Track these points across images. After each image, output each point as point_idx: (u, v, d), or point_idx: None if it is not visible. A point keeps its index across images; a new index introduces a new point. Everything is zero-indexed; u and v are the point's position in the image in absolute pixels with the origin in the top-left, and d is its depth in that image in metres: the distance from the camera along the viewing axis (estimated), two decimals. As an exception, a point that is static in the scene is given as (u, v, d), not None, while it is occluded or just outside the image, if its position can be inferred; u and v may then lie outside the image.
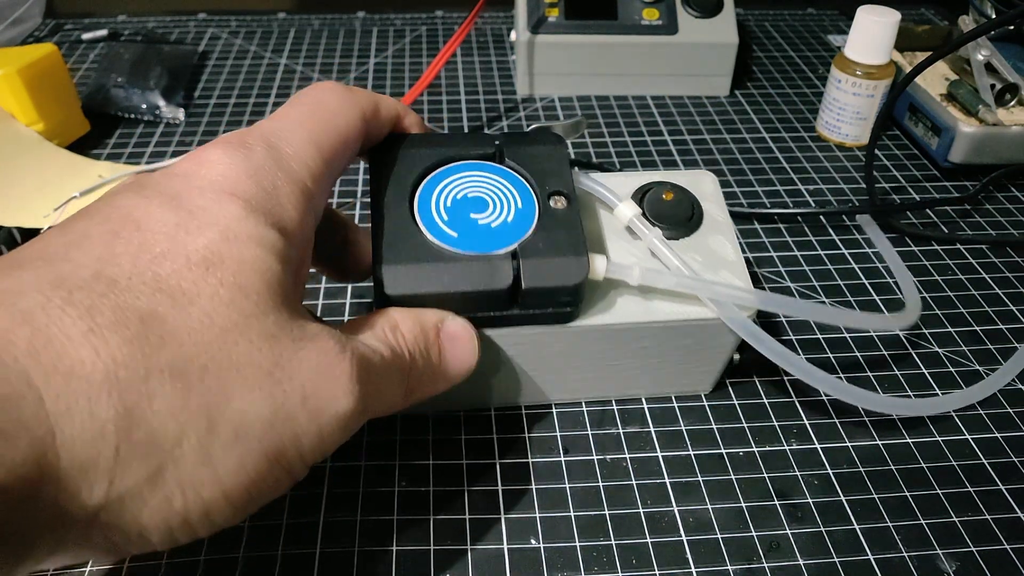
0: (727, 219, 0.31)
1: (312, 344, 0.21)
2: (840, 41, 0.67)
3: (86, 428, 0.17)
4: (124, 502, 0.17)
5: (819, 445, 0.31)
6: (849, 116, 0.50)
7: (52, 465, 0.16)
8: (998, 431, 0.32)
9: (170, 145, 0.51)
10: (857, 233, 0.43)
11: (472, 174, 0.28)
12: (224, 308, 0.19)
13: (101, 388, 0.17)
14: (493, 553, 0.27)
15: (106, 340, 0.17)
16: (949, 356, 0.35)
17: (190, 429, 0.18)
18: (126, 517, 0.18)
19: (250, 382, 0.19)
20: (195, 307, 0.19)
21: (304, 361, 0.20)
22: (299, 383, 0.20)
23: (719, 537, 0.27)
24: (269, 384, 0.19)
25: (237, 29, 0.68)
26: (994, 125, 0.46)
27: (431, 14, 0.71)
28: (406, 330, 0.24)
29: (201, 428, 0.18)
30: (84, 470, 0.17)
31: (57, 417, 0.16)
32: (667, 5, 0.56)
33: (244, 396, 0.19)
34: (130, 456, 0.17)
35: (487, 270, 0.25)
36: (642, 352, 0.30)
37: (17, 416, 0.16)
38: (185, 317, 0.19)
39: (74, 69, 0.60)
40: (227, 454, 0.19)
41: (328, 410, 0.20)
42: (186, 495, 0.18)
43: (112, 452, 0.17)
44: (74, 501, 0.17)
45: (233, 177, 0.21)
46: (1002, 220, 0.45)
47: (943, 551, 0.27)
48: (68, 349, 0.17)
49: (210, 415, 0.18)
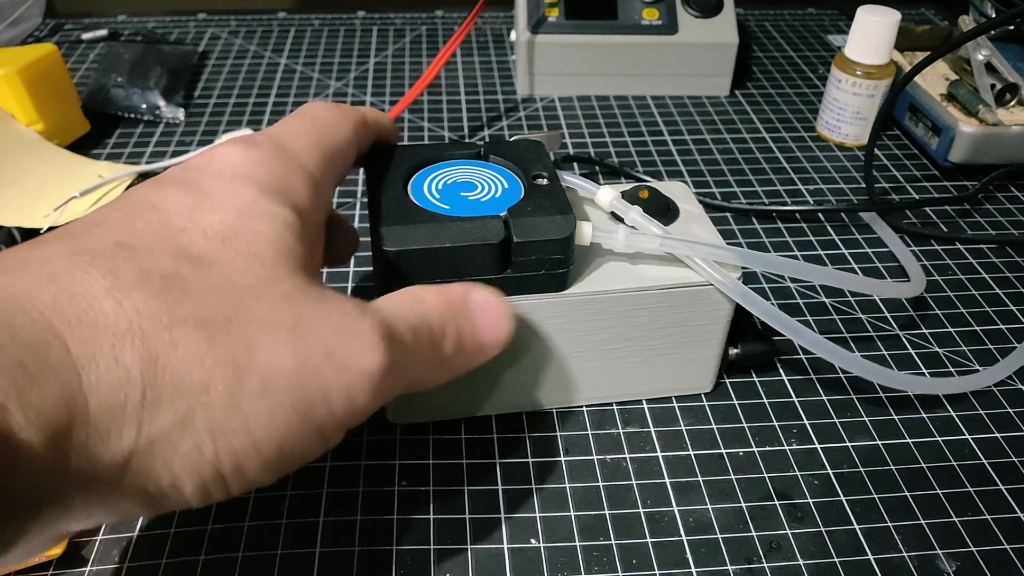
0: (702, 212, 0.32)
1: (331, 304, 0.21)
2: (840, 41, 0.67)
3: (111, 372, 0.17)
4: (154, 447, 0.17)
5: (819, 445, 0.31)
6: (849, 116, 0.50)
7: (81, 408, 0.16)
8: (998, 431, 0.32)
9: (170, 145, 0.51)
10: (857, 233, 0.43)
11: (460, 167, 0.30)
12: (241, 272, 0.20)
13: (125, 336, 0.17)
14: (493, 553, 0.27)
15: (129, 294, 0.18)
16: (949, 356, 0.35)
17: (217, 376, 0.18)
18: (157, 464, 0.18)
19: (274, 336, 0.19)
20: (214, 270, 0.20)
21: (325, 320, 0.20)
22: (322, 339, 0.20)
23: (719, 537, 0.27)
24: (293, 339, 0.19)
25: (237, 29, 0.68)
26: (994, 125, 0.46)
27: (431, 14, 0.71)
28: (431, 301, 0.24)
29: (228, 376, 0.18)
30: (112, 413, 0.17)
31: (83, 362, 0.17)
32: (667, 5, 0.56)
33: (269, 348, 0.19)
34: (157, 400, 0.17)
35: (480, 227, 0.27)
36: (636, 330, 0.30)
37: (44, 360, 0.16)
38: (205, 276, 0.19)
39: (74, 69, 0.60)
40: (256, 403, 0.19)
41: (355, 366, 0.20)
42: (216, 443, 0.18)
43: (139, 396, 0.17)
44: (104, 446, 0.17)
45: (246, 165, 0.23)
46: (1002, 220, 0.45)
47: (943, 551, 0.27)
48: (92, 303, 0.17)
49: (236, 364, 0.18)
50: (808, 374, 0.34)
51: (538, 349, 0.30)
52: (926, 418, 0.32)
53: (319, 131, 0.26)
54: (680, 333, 0.30)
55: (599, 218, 0.31)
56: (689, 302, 0.29)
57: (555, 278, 0.28)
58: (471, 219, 0.27)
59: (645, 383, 0.32)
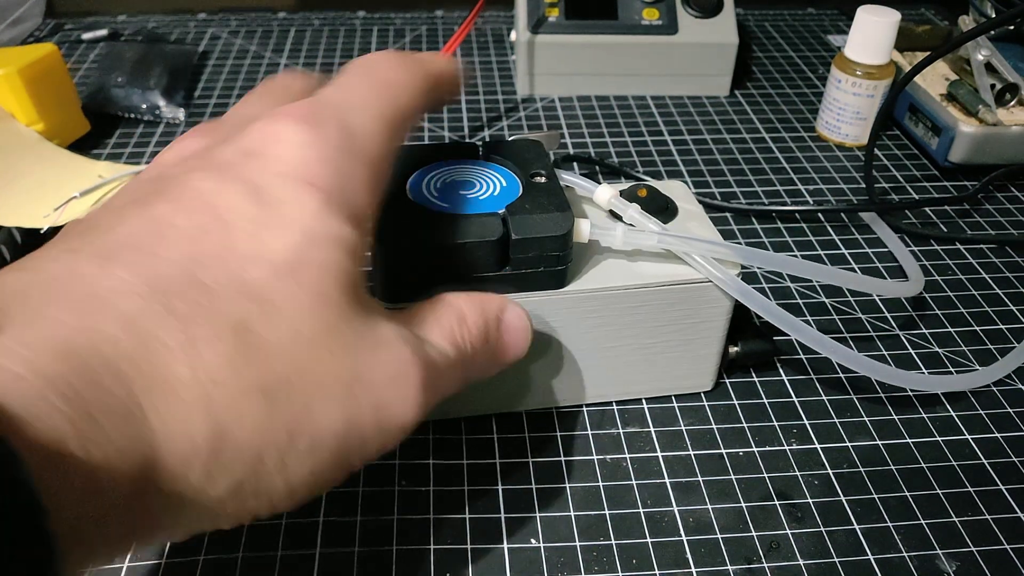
0: (701, 211, 0.32)
1: (387, 352, 0.21)
2: (840, 41, 0.67)
3: (181, 445, 0.17)
4: (202, 510, 0.18)
5: (819, 445, 0.31)
6: (849, 116, 0.50)
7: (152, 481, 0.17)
8: (998, 431, 0.32)
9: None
10: (856, 233, 0.43)
11: (458, 166, 0.30)
12: (308, 319, 0.19)
13: (195, 406, 0.17)
14: (493, 553, 0.27)
15: (201, 355, 0.17)
16: (949, 356, 0.35)
17: (272, 445, 0.18)
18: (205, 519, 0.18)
19: (329, 395, 0.19)
20: (282, 318, 0.19)
21: (379, 372, 0.21)
22: (374, 395, 0.20)
23: (719, 537, 0.27)
24: (347, 398, 0.20)
25: (237, 28, 0.68)
26: (994, 125, 0.46)
27: (431, 14, 0.71)
28: (472, 323, 0.24)
29: (282, 443, 0.19)
30: (175, 483, 0.17)
31: (157, 434, 0.17)
32: (667, 5, 0.56)
33: (323, 410, 0.19)
34: (217, 473, 0.18)
35: (478, 224, 0.27)
36: (635, 328, 0.30)
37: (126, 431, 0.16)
38: (272, 330, 0.19)
39: (74, 69, 0.60)
40: (301, 465, 0.19)
41: (395, 420, 0.21)
42: (259, 500, 0.19)
43: (201, 466, 0.17)
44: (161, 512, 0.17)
45: (310, 162, 0.21)
46: (1002, 220, 0.45)
47: (943, 551, 0.27)
48: (168, 363, 0.17)
49: (291, 430, 0.19)
50: (808, 374, 0.34)
51: (537, 347, 0.30)
52: (926, 418, 0.32)
53: (385, 99, 0.23)
54: (680, 330, 0.30)
55: (597, 216, 0.31)
56: (688, 299, 0.30)
57: (554, 275, 0.28)
58: (469, 216, 0.27)
59: (645, 381, 0.32)
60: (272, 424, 0.18)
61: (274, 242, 0.19)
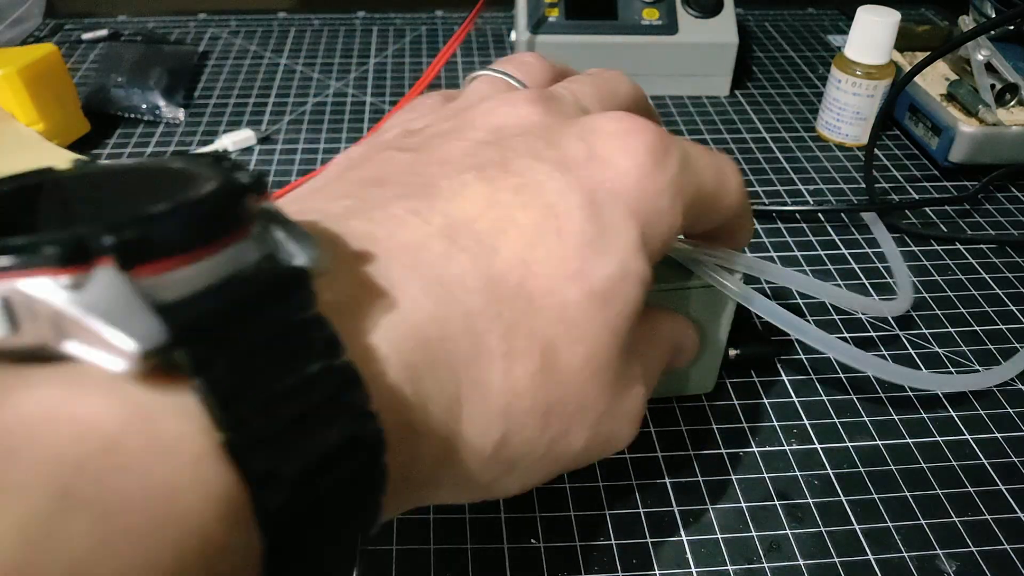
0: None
1: (634, 391, 0.21)
2: (840, 41, 0.67)
3: (474, 445, 0.18)
4: (455, 493, 0.19)
5: (819, 445, 0.31)
6: (849, 116, 0.50)
7: (443, 467, 0.18)
8: (998, 431, 0.32)
9: (170, 145, 0.51)
10: (857, 233, 0.43)
11: None
12: (600, 352, 0.19)
13: (496, 415, 0.18)
14: (493, 553, 0.27)
15: (513, 368, 0.18)
16: (949, 356, 0.35)
17: (529, 457, 0.19)
18: (446, 499, 0.20)
19: (585, 423, 0.20)
20: (582, 346, 0.19)
21: (623, 408, 0.21)
22: (612, 427, 0.21)
23: (719, 537, 0.27)
24: (595, 427, 0.20)
25: (237, 29, 0.68)
26: (994, 125, 0.46)
27: (431, 14, 0.71)
28: (685, 354, 0.26)
29: (536, 455, 0.19)
30: (455, 473, 0.18)
31: (462, 432, 0.18)
32: (667, 5, 0.56)
33: (575, 435, 0.20)
34: (484, 471, 0.19)
35: None
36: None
37: (445, 425, 0.17)
38: (572, 356, 0.19)
39: (74, 69, 0.60)
40: (537, 473, 0.20)
41: (614, 450, 0.22)
42: (492, 493, 0.20)
43: (477, 467, 0.18)
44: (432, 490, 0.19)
45: (645, 195, 0.20)
46: (1002, 220, 0.45)
47: (943, 552, 0.27)
48: (489, 369, 0.18)
49: (547, 447, 0.20)
50: (808, 374, 0.34)
51: None
52: (926, 418, 0.32)
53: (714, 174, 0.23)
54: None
55: None
56: (690, 303, 0.29)
57: None
58: None
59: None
60: (539, 440, 0.19)
61: (598, 269, 0.19)
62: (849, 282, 0.40)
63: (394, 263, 0.17)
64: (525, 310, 0.18)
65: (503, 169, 0.20)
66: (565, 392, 0.19)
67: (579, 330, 0.19)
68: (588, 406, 0.20)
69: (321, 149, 0.50)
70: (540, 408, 0.19)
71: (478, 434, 0.18)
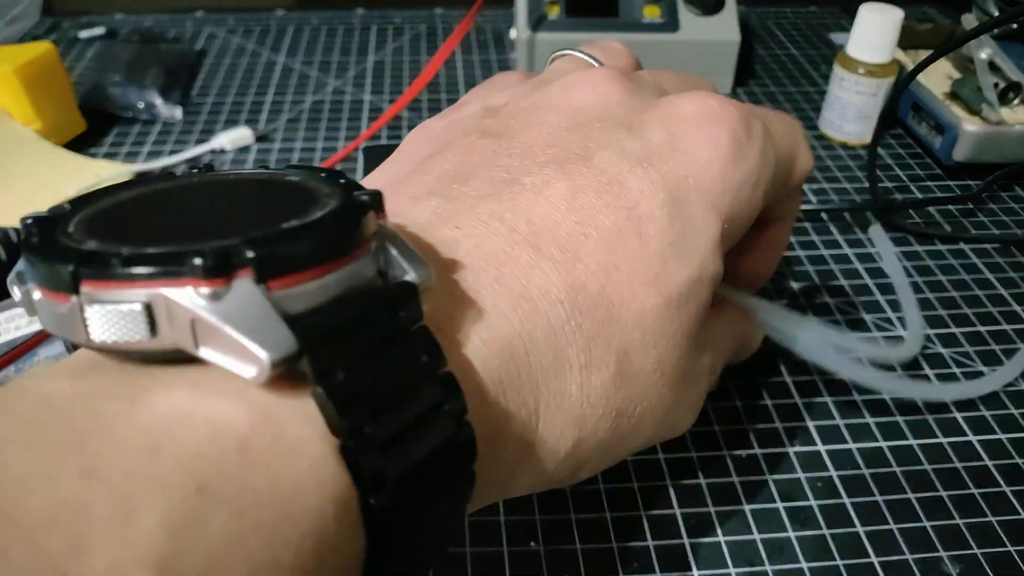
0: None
1: (699, 384, 0.22)
2: (843, 39, 0.66)
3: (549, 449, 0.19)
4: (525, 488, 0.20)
5: (822, 447, 0.31)
6: (852, 114, 0.50)
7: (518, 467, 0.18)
8: (1002, 432, 0.31)
9: (167, 144, 0.50)
10: (860, 232, 0.43)
11: None
12: (672, 354, 0.20)
13: (571, 423, 0.18)
14: (492, 556, 0.26)
15: (590, 378, 0.18)
16: (954, 357, 0.35)
17: (599, 454, 0.20)
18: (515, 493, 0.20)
19: (652, 420, 0.20)
20: (655, 350, 0.19)
21: (688, 401, 0.22)
22: (676, 418, 0.21)
23: (721, 540, 0.27)
24: (661, 422, 0.21)
25: (235, 27, 0.67)
26: (997, 124, 0.45)
27: (430, 11, 0.71)
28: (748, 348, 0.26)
29: (604, 454, 0.20)
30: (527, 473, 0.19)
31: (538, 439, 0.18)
32: (668, 2, 0.55)
33: (642, 432, 0.20)
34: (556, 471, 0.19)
35: None
36: None
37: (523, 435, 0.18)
38: (645, 360, 0.19)
39: (71, 67, 0.60)
40: (599, 468, 0.21)
41: (672, 436, 0.22)
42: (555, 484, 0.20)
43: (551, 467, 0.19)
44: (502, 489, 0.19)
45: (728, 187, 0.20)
46: (1006, 219, 0.44)
47: (947, 554, 0.27)
48: (567, 380, 0.18)
49: (615, 446, 0.20)
50: (811, 375, 0.34)
51: None
52: (929, 419, 0.32)
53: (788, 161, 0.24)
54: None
55: None
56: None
57: None
58: None
59: None
60: (609, 441, 0.19)
61: (677, 272, 0.19)
62: (853, 282, 0.39)
63: (483, 276, 0.18)
64: (604, 320, 0.18)
65: (585, 163, 0.19)
66: (636, 394, 0.19)
67: (654, 336, 0.19)
68: (656, 404, 0.20)
69: (319, 148, 0.50)
70: (612, 412, 0.19)
71: (553, 441, 0.18)
